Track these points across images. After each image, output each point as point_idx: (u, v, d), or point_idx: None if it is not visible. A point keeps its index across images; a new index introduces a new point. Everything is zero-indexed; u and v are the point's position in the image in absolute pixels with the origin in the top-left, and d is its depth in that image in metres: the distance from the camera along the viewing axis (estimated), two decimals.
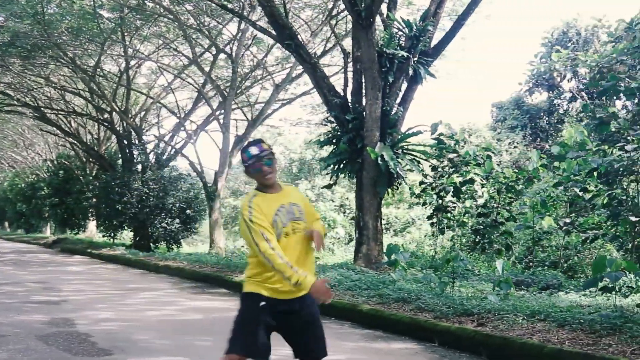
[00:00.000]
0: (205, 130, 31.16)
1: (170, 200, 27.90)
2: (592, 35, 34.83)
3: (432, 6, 16.40)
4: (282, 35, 16.37)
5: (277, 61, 30.18)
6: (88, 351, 7.85)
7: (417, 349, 8.24)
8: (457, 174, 17.54)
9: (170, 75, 31.33)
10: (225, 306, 12.14)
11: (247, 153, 4.64)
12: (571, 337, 7.44)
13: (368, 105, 15.54)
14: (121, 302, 12.49)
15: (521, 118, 36.17)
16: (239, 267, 16.40)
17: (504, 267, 12.11)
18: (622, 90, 14.81)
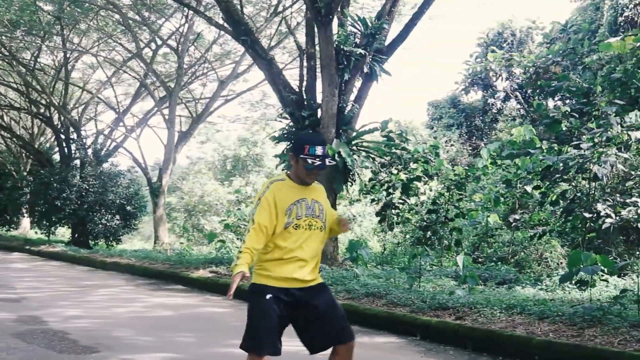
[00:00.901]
0: (149, 125, 30.80)
1: (110, 196, 27.48)
2: (527, 37, 35.60)
3: (387, 5, 16.54)
4: (238, 31, 16.31)
5: (216, 57, 30.02)
6: (72, 349, 7.70)
7: (400, 342, 8.34)
8: (405, 170, 17.77)
9: (109, 70, 30.83)
10: (190, 302, 12.11)
11: (312, 150, 4.62)
12: (554, 330, 7.62)
13: (325, 102, 15.60)
14: (82, 299, 12.27)
15: (457, 117, 36.70)
16: (192, 263, 16.31)
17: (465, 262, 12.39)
18: (574, 90, 15.24)
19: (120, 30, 27.92)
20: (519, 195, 16.08)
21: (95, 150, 29.42)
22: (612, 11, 26.79)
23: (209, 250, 22.42)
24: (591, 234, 13.55)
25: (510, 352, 7.36)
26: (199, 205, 41.53)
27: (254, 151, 45.66)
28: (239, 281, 4.50)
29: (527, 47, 35.03)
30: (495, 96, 36.91)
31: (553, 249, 16.90)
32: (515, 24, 35.99)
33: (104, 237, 28.29)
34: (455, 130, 35.94)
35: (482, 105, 36.85)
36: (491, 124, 36.68)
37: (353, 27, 16.44)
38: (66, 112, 29.32)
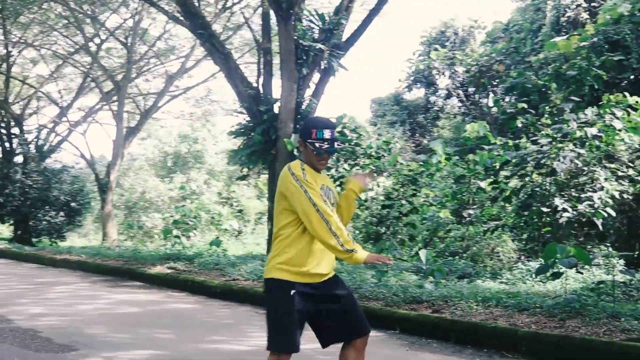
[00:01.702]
0: (97, 121, 30.26)
1: (54, 192, 26.90)
2: (469, 35, 36.11)
3: (344, 0, 16.55)
4: (195, 25, 16.13)
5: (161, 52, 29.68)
6: (48, 347, 7.48)
7: (381, 336, 8.34)
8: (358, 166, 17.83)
9: (52, 64, 30.17)
10: (153, 299, 11.92)
11: (320, 133, 4.43)
12: (535, 322, 7.71)
13: (284, 96, 15.54)
14: (41, 297, 11.96)
15: (400, 114, 37.02)
16: (148, 259, 16.07)
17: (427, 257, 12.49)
18: (530, 87, 15.49)
19: (63, 23, 27.36)
20: (474, 190, 16.27)
21: (38, 146, 28.76)
22: (555, 11, 27.32)
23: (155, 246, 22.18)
24: (546, 228, 13.79)
25: (495, 344, 7.41)
26: (139, 202, 41.05)
27: (195, 148, 45.30)
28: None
29: (469, 46, 35.53)
30: (437, 94, 37.34)
31: (505, 244, 17.15)
32: (457, 22, 36.48)
33: (48, 234, 27.69)
34: (399, 127, 36.23)
35: (425, 102, 37.27)
36: (433, 121, 37.08)
37: (311, 23, 16.41)
38: (7, 106, 28.58)
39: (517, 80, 15.56)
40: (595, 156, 13.83)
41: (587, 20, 24.93)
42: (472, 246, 17.82)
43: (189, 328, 8.82)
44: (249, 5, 24.59)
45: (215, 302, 11.49)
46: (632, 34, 21.38)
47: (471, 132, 16.79)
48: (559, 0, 26.96)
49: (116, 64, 30.34)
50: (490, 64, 28.49)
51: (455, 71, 34.06)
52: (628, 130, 13.80)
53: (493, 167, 14.96)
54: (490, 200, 16.97)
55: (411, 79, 36.31)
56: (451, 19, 36.42)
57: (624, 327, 7.06)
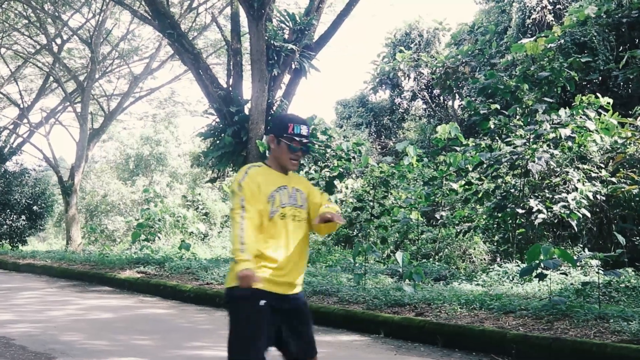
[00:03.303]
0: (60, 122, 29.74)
1: (15, 196, 26.37)
2: (434, 37, 36.07)
3: (315, 1, 16.41)
4: (164, 25, 15.86)
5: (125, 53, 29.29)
6: (24, 356, 7.19)
7: (366, 340, 8.19)
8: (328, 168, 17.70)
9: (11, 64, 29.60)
10: (126, 304, 11.67)
11: (297, 128, 4.20)
12: (522, 324, 7.63)
13: (254, 97, 15.34)
14: (9, 303, 11.63)
15: (366, 116, 36.92)
16: (116, 264, 15.78)
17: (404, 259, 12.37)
18: (502, 88, 15.48)
19: (23, 23, 26.88)
20: (446, 191, 16.20)
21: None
22: (520, 13, 27.45)
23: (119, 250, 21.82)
24: (520, 229, 13.78)
25: (484, 347, 7.30)
26: (101, 205, 40.52)
27: (158, 150, 44.87)
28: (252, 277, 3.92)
29: (434, 48, 35.53)
30: (403, 96, 37.31)
31: (476, 246, 17.14)
32: (422, 24, 36.43)
33: (9, 238, 27.12)
34: (364, 129, 36.14)
35: (390, 104, 37.20)
36: (399, 123, 37.06)
37: (282, 23, 16.24)
38: None
39: (489, 82, 15.53)
40: (568, 157, 13.86)
41: (553, 22, 25.08)
42: (443, 248, 17.81)
43: (167, 334, 8.57)
44: (214, 6, 24.36)
45: (190, 307, 11.26)
46: (599, 36, 21.55)
47: (442, 133, 16.73)
48: (524, 3, 27.08)
49: (78, 64, 29.88)
50: (456, 66, 28.48)
51: (420, 73, 34.06)
52: (600, 131, 13.85)
53: (465, 169, 14.92)
54: (461, 202, 16.95)
55: (376, 81, 36.19)
56: (416, 21, 36.37)
57: (614, 328, 6.98)
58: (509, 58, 22.42)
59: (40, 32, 26.32)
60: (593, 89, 20.10)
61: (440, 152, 17.01)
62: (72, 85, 28.81)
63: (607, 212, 14.60)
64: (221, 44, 25.79)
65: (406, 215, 17.04)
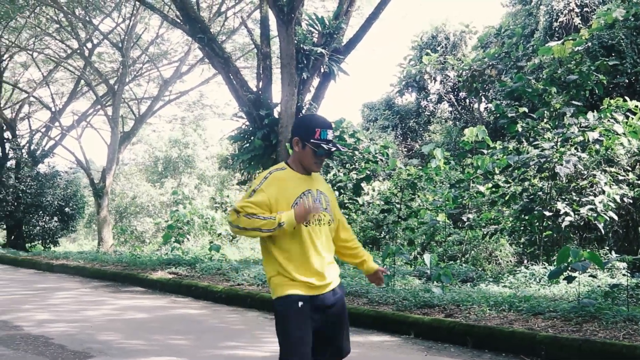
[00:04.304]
0: (92, 125, 30.16)
1: (47, 197, 26.81)
2: (460, 40, 36.11)
3: (343, 4, 16.58)
4: (194, 29, 16.09)
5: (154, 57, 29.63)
6: (64, 355, 7.42)
7: (396, 341, 8.33)
8: (355, 171, 17.85)
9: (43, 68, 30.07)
10: (159, 304, 11.87)
11: (324, 134, 4.16)
12: (551, 325, 7.71)
13: (284, 101, 15.51)
14: (45, 303, 11.88)
15: (392, 118, 37.03)
16: (147, 265, 16.02)
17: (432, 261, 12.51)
18: (529, 91, 15.54)
19: (55, 28, 27.30)
20: (473, 194, 16.30)
21: (31, 151, 28.68)
22: (548, 16, 27.44)
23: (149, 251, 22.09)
24: (547, 232, 13.84)
25: (514, 348, 7.40)
26: (130, 207, 40.95)
27: (186, 152, 45.24)
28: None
29: (461, 51, 35.57)
30: (429, 98, 37.37)
31: (503, 248, 17.22)
32: (449, 27, 36.48)
33: (42, 239, 27.58)
34: (390, 131, 36.25)
35: (416, 107, 37.28)
36: (425, 126, 37.14)
37: (311, 27, 16.41)
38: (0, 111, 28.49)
39: (517, 85, 15.59)
40: (595, 160, 13.92)
41: (580, 25, 25.06)
42: (470, 250, 17.90)
43: (202, 334, 8.77)
44: (243, 10, 24.62)
45: (222, 308, 11.45)
46: (627, 39, 21.56)
47: (470, 136, 16.81)
48: (551, 6, 27.08)
49: (109, 68, 30.30)
50: (482, 69, 28.52)
51: (446, 76, 34.12)
52: (628, 134, 13.89)
53: (492, 172, 15.00)
54: (488, 204, 17.04)
55: (403, 84, 36.28)
56: (442, 24, 36.43)
57: None
58: (536, 61, 22.42)
59: (71, 36, 26.75)
60: (621, 92, 20.13)
61: (467, 154, 17.08)
62: (103, 88, 29.20)
63: (633, 215, 14.68)
64: (249, 47, 26.08)
65: (433, 217, 17.16)
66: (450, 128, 33.86)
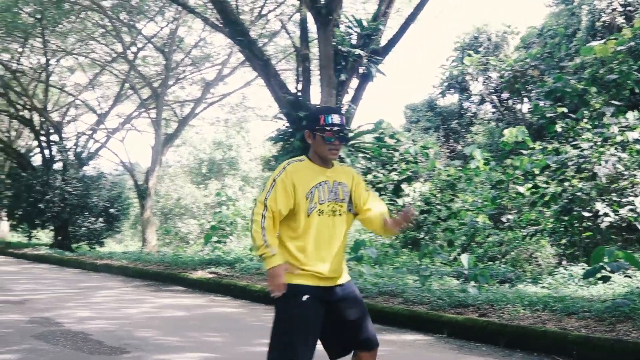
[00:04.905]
0: (135, 127, 30.69)
1: (93, 199, 27.33)
2: (502, 41, 35.92)
3: (382, 6, 16.65)
4: (234, 32, 16.28)
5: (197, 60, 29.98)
6: (100, 350, 7.60)
7: (429, 340, 8.38)
8: (395, 172, 17.89)
9: (89, 72, 30.64)
10: (198, 303, 12.06)
11: (328, 118, 4.14)
12: (584, 325, 7.67)
13: (323, 102, 15.62)
14: (87, 301, 12.13)
15: (434, 120, 36.98)
16: (189, 264, 16.25)
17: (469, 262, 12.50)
18: (569, 91, 15.45)
19: (100, 32, 27.80)
20: (513, 195, 16.25)
21: (77, 153, 29.25)
22: (590, 16, 27.18)
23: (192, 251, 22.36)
24: (587, 233, 13.75)
25: (545, 348, 7.39)
26: (175, 208, 41.42)
27: (230, 154, 45.62)
28: (283, 274, 4.04)
29: (503, 51, 35.37)
30: (471, 99, 37.25)
31: (543, 249, 17.11)
32: (490, 28, 36.33)
33: (87, 239, 28.12)
34: (433, 133, 36.20)
35: (458, 108, 37.20)
36: (467, 127, 37.03)
37: (349, 28, 16.51)
38: (47, 114, 29.09)
39: (557, 85, 15.53)
40: (636, 160, 13.78)
41: (623, 24, 24.77)
42: (510, 251, 17.82)
43: (237, 331, 8.92)
44: (284, 12, 24.81)
45: (259, 307, 11.60)
46: None
47: (510, 137, 16.77)
48: (594, 5, 26.82)
49: (153, 72, 30.76)
50: (524, 69, 28.36)
51: (488, 77, 33.96)
52: None
53: (532, 172, 14.95)
54: (528, 205, 16.95)
55: (445, 85, 36.23)
56: (484, 25, 36.29)
57: None
58: (578, 61, 22.23)
59: (116, 40, 27.20)
60: None
61: (508, 155, 17.02)
62: (147, 91, 29.65)
63: None
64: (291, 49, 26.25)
65: (473, 218, 17.14)
66: (493, 129, 33.68)
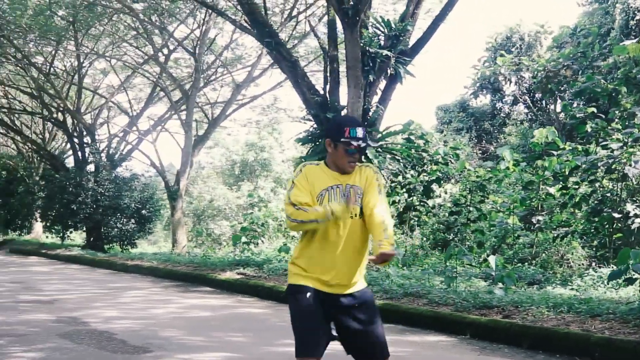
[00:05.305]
0: (166, 129, 30.93)
1: (125, 200, 27.60)
2: (535, 41, 35.62)
3: (410, 6, 16.58)
4: (262, 33, 16.32)
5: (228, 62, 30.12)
6: (123, 349, 7.68)
7: (452, 341, 8.34)
8: (425, 173, 17.80)
9: (121, 74, 30.96)
10: (224, 304, 12.12)
11: (353, 132, 4.21)
12: (608, 327, 7.60)
13: (350, 103, 15.58)
14: (115, 301, 12.26)
15: (466, 121, 36.79)
16: (217, 265, 16.34)
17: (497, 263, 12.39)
18: (598, 92, 15.28)
19: (132, 34, 28.08)
20: (543, 196, 16.09)
21: (109, 155, 29.57)
22: (624, 15, 26.87)
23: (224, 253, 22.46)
24: (617, 234, 13.59)
25: (568, 350, 7.34)
26: (207, 209, 41.64)
27: (262, 156, 45.73)
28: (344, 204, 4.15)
29: (536, 52, 35.07)
30: (504, 100, 37.01)
31: (574, 251, 16.92)
32: (523, 28, 36.03)
33: (119, 240, 28.41)
34: (465, 134, 36.02)
35: (491, 109, 36.97)
36: (500, 128, 36.80)
37: (376, 30, 16.46)
38: (80, 116, 29.44)
39: (586, 85, 15.36)
40: None
41: None
42: (541, 253, 17.64)
43: (260, 332, 8.95)
44: (314, 14, 24.85)
45: (285, 307, 11.51)
46: None
47: (540, 137, 16.61)
48: (628, 4, 26.52)
49: (184, 74, 31.00)
50: (557, 69, 28.11)
51: (521, 77, 33.67)
52: None
53: (562, 173, 14.79)
54: (559, 207, 16.77)
55: (477, 86, 36.01)
56: (517, 24, 36.00)
57: None
58: (611, 61, 21.99)
59: (147, 43, 27.43)
60: None
61: (539, 156, 16.86)
62: (178, 93, 29.87)
63: None
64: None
65: (504, 219, 17.01)
66: (526, 130, 33.41)
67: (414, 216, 17.90)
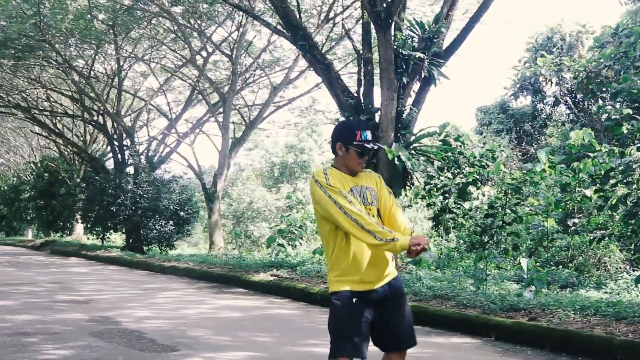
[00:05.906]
0: (204, 131, 31.24)
1: (163, 202, 27.90)
2: (577, 41, 35.21)
3: (444, 8, 16.57)
4: (296, 36, 16.44)
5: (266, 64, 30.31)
6: (152, 347, 7.83)
7: (476, 343, 8.34)
8: (461, 175, 17.72)
9: (160, 77, 31.33)
10: (256, 305, 12.21)
11: (364, 135, 4.38)
12: (633, 330, 7.55)
13: (384, 106, 15.64)
14: (149, 302, 12.44)
15: (506, 122, 36.53)
16: (252, 267, 16.47)
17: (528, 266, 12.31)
18: (635, 92, 15.08)
19: (171, 38, 28.40)
20: (578, 199, 15.95)
21: (149, 157, 29.93)
22: None
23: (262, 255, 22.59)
24: None
25: (590, 352, 7.29)
26: (247, 211, 41.89)
27: (301, 158, 45.91)
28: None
29: (577, 52, 34.67)
30: (545, 101, 36.65)
31: (612, 254, 16.73)
32: (564, 28, 35.66)
33: (158, 242, 28.73)
34: (505, 135, 35.78)
35: (531, 110, 36.63)
36: (541, 129, 36.47)
37: (410, 32, 16.48)
38: (120, 119, 29.85)
39: (622, 86, 15.16)
40: None
41: None
42: (577, 256, 17.47)
43: (287, 332, 9.03)
44: (350, 16, 24.93)
45: (315, 309, 11.68)
46: None
47: (576, 139, 16.46)
48: None
49: (222, 76, 31.27)
50: (598, 70, 27.77)
51: (562, 78, 33.30)
52: None
53: (598, 175, 14.64)
54: (596, 209, 16.60)
55: (517, 87, 35.70)
56: (558, 25, 35.65)
57: None
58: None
59: (185, 46, 27.73)
60: None
61: (576, 158, 16.71)
62: (217, 96, 30.14)
63: None
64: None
65: (540, 222, 16.87)
66: (567, 131, 33.05)
67: (449, 219, 17.85)
